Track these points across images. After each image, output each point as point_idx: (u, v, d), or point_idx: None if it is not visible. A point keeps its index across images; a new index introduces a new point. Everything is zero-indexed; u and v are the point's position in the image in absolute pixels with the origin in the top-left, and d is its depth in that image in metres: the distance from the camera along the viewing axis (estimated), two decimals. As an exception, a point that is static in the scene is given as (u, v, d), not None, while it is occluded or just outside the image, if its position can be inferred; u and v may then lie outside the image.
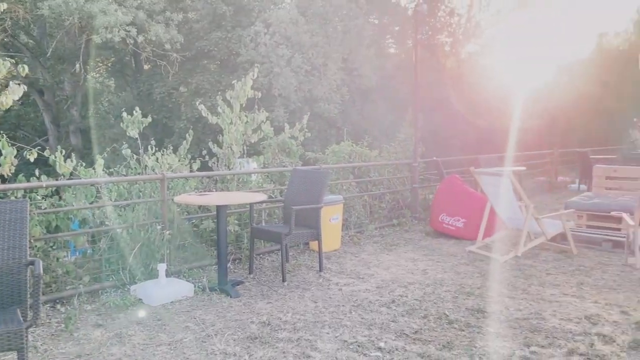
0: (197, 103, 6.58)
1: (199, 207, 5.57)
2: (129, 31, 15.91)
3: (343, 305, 4.20)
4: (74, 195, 4.74)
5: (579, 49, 28.22)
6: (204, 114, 6.28)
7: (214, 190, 5.93)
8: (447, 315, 3.95)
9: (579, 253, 5.86)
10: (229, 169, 6.13)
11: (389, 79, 22.39)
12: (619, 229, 6.19)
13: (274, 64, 17.71)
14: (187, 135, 6.00)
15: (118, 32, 15.48)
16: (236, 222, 5.66)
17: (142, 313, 4.03)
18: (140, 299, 4.32)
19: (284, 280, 4.83)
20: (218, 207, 4.56)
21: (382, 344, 3.44)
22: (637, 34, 26.37)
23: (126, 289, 4.52)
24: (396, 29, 26.78)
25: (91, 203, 4.84)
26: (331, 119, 19.64)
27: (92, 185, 4.83)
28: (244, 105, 6.21)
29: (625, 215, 5.44)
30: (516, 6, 27.49)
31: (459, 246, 6.33)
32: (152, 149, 5.60)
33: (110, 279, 4.59)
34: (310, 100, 18.92)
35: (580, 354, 3.26)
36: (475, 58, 28.95)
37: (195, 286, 4.59)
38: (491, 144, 16.43)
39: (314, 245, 5.76)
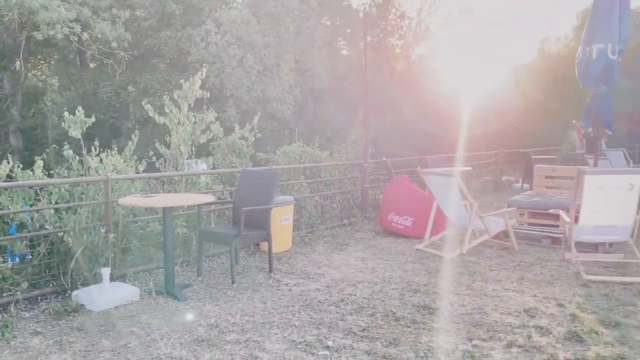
0: (144, 103, 6.42)
1: (146, 209, 5.44)
2: (72, 28, 15.38)
3: (292, 306, 4.21)
4: (10, 199, 4.53)
5: (523, 54, 29.42)
6: (150, 114, 6.14)
7: (161, 192, 5.81)
8: (394, 313, 4.03)
9: (521, 249, 6.10)
10: (177, 170, 6.02)
11: (342, 80, 22.59)
12: (557, 226, 6.48)
13: (226, 63, 17.55)
14: (132, 135, 5.85)
15: (61, 28, 14.93)
16: (184, 224, 5.57)
17: (84, 319, 3.91)
18: (82, 305, 4.17)
19: (233, 282, 4.79)
20: (164, 209, 4.47)
21: (330, 343, 3.47)
22: (577, 40, 27.71)
23: (67, 295, 4.36)
24: (348, 31, 27.05)
25: (30, 206, 4.65)
26: (284, 119, 19.65)
27: (30, 187, 4.63)
28: (192, 105, 6.12)
29: (562, 213, 5.70)
30: (464, 10, 28.30)
31: (407, 244, 6.47)
32: (96, 150, 5.43)
33: (51, 285, 4.42)
34: (263, 101, 18.86)
35: (519, 346, 3.40)
36: (425, 61, 29.64)
37: (141, 290, 4.48)
38: (441, 145, 16.87)
39: (264, 246, 5.74)
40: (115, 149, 5.72)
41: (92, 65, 21.59)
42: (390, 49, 29.40)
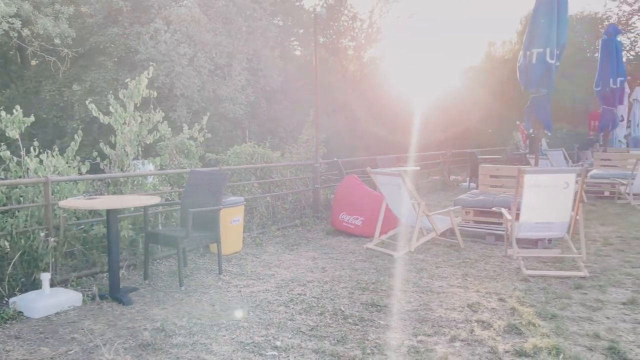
0: (88, 102, 6.21)
1: (90, 211, 5.27)
2: (12, 23, 14.68)
3: (241, 307, 4.19)
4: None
5: (472, 57, 30.34)
6: (94, 114, 5.95)
7: (106, 193, 5.64)
8: (343, 311, 4.07)
9: (466, 246, 6.30)
10: (123, 172, 5.85)
11: (295, 80, 22.59)
12: (500, 224, 6.72)
13: (176, 62, 17.19)
14: (75, 136, 5.65)
15: (0, 24, 14.22)
16: (130, 226, 5.43)
17: (22, 327, 3.75)
18: (20, 312, 4.00)
19: (181, 285, 4.71)
20: (108, 212, 4.35)
21: (278, 343, 3.47)
22: (520, 44, 28.81)
23: (5, 302, 4.17)
24: (301, 31, 27.08)
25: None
26: (237, 119, 19.44)
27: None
28: (138, 104, 5.97)
29: (504, 210, 5.92)
30: (414, 13, 28.89)
31: (357, 244, 6.55)
32: (35, 150, 5.21)
33: (-14, 292, 4.21)
34: (215, 101, 18.60)
35: (462, 340, 3.51)
36: (377, 62, 30.09)
37: (84, 295, 4.34)
38: (393, 145, 17.16)
39: (214, 247, 5.68)
40: (57, 149, 5.50)
41: (34, 62, 20.67)
42: (343, 50, 29.66)
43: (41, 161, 5.18)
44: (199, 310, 4.13)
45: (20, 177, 5.05)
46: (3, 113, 5.21)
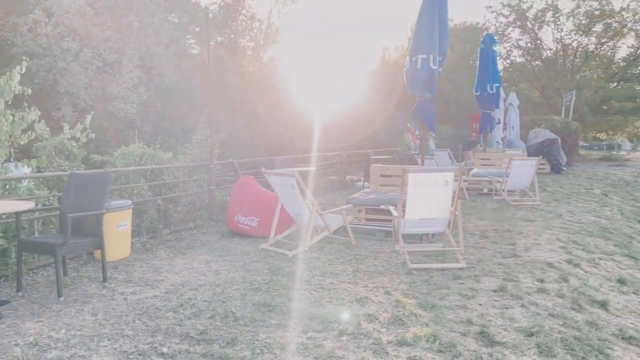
0: (-52, 98, 5.58)
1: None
2: None
3: (127, 315, 4.00)
4: None
5: (368, 61, 31.49)
6: (-43, 111, 5.37)
7: (-28, 199, 5.11)
8: (234, 313, 4.04)
9: (358, 244, 6.52)
10: (-8, 175, 5.34)
11: (191, 79, 22.02)
12: (389, 220, 7.05)
13: (58, 57, 16.02)
14: None
15: None
16: (1, 234, 4.96)
17: None
18: None
19: (59, 296, 4.40)
20: (-28, 219, 3.95)
21: (165, 350, 3.37)
22: (410, 50, 30.43)
23: None
24: (197, 29, 26.44)
25: None
26: (128, 118, 18.54)
27: None
28: (10, 102, 5.48)
29: (391, 208, 6.22)
30: (313, 15, 29.39)
31: (253, 245, 6.53)
32: None
33: None
34: (104, 99, 17.59)
35: (349, 334, 3.63)
36: (276, 63, 30.21)
37: (-57, 313, 3.90)
38: (294, 146, 17.31)
39: (98, 254, 5.36)
40: None
41: None
42: (242, 50, 29.42)
43: None
44: (79, 321, 3.88)
45: None
46: None
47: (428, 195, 5.57)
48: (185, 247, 6.41)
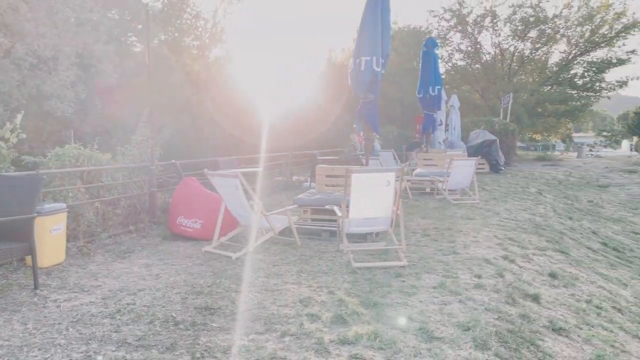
0: None
1: None
2: None
3: (59, 323, 3.83)
4: None
5: (316, 62, 31.63)
6: None
7: None
8: (174, 317, 3.95)
9: (303, 244, 6.53)
10: None
11: (133, 77, 21.34)
12: (334, 220, 7.11)
13: (-12, 53, 15.14)
14: None
15: None
16: None
17: None
18: None
19: (-14, 305, 4.16)
20: None
21: (100, 358, 3.25)
22: (356, 52, 30.78)
23: None
24: (139, 26, 25.69)
25: None
26: (66, 118, 17.75)
27: None
28: None
29: (336, 208, 6.28)
30: (261, 16, 29.22)
31: (196, 247, 6.41)
32: None
33: None
34: (39, 98, 16.76)
35: (291, 335, 3.63)
36: (222, 62, 29.84)
37: None
38: (241, 147, 17.13)
39: (30, 260, 5.10)
40: None
41: None
42: (186, 49, 28.84)
43: None
44: (7, 331, 3.67)
45: None
46: None
47: (371, 195, 5.66)
48: (125, 251, 6.21)
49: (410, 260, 5.63)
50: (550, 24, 32.81)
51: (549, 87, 35.90)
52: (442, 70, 33.33)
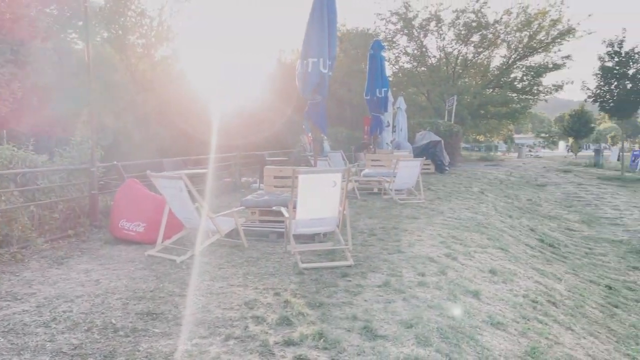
0: None
1: None
2: None
3: (-12, 335, 3.62)
4: None
5: (266, 62, 31.47)
6: None
7: None
8: (114, 324, 3.82)
9: (250, 246, 6.47)
10: None
11: (74, 76, 20.50)
12: (283, 221, 7.09)
13: None
14: None
15: None
16: None
17: None
18: None
19: None
20: None
21: (32, 370, 3.10)
22: (306, 53, 30.94)
23: None
24: (80, 23, 24.73)
25: None
26: (0, 118, 16.83)
27: None
28: None
29: (283, 209, 6.26)
30: (206, 15, 28.80)
31: (139, 251, 6.23)
32: None
33: None
34: (-31, 96, 15.80)
35: (236, 338, 3.59)
36: (169, 62, 29.17)
37: None
38: (189, 148, 16.77)
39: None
40: None
41: None
42: (131, 47, 28.00)
43: None
44: None
45: None
46: None
47: (318, 196, 5.69)
48: (63, 257, 5.95)
49: (356, 259, 5.69)
50: (492, 29, 34.08)
51: (491, 90, 37.27)
52: (389, 72, 33.99)
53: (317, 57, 7.83)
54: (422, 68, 36.97)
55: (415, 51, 36.46)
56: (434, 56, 36.95)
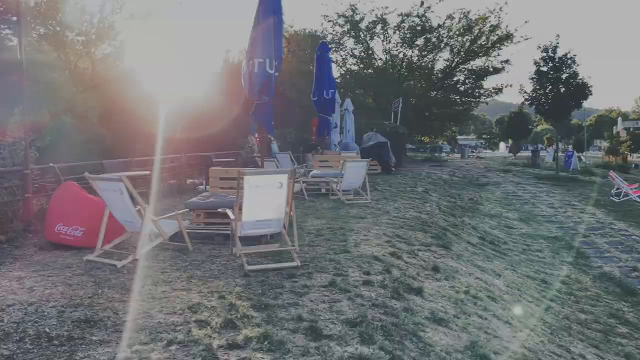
0: None
1: None
2: None
3: None
4: None
5: (212, 62, 31.00)
6: None
7: None
8: (48, 333, 3.65)
9: (195, 249, 6.34)
10: None
11: (7, 74, 19.46)
12: (228, 224, 7.00)
13: None
14: None
15: None
16: None
17: None
18: None
19: None
20: None
21: (-44, 385, 2.91)
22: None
23: None
24: (14, 18, 23.51)
25: None
26: None
27: None
28: None
29: (229, 211, 6.18)
30: (149, 13, 28.06)
31: (77, 256, 5.97)
32: None
33: None
34: None
35: (178, 343, 3.50)
36: (111, 60, 28.23)
37: None
38: (132, 148, 16.25)
39: None
40: None
41: None
42: (70, 45, 26.89)
43: None
44: None
45: None
46: None
47: (264, 197, 5.65)
48: (-6, 264, 5.64)
49: (303, 260, 5.70)
50: (435, 33, 34.98)
51: (435, 93, 38.28)
52: (336, 74, 34.24)
53: (264, 57, 7.79)
54: (369, 70, 37.47)
55: (362, 53, 36.92)
56: (380, 59, 37.54)
